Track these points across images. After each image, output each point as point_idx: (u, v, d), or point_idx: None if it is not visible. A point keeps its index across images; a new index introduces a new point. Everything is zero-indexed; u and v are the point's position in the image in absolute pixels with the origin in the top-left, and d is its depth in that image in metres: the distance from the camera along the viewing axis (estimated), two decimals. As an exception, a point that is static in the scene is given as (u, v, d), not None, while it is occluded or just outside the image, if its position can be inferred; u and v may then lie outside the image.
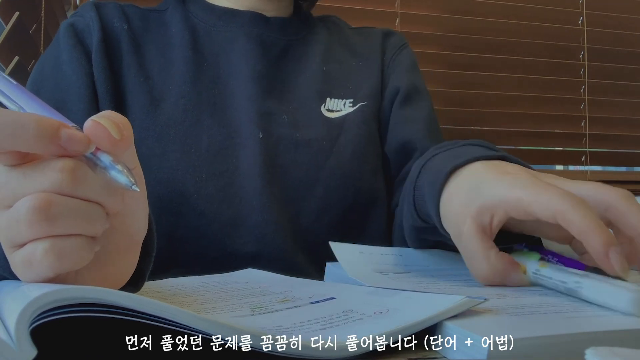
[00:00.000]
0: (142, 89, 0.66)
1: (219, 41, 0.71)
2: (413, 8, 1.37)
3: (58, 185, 0.29)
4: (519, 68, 1.42)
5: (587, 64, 1.46)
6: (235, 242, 0.62)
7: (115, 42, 0.68)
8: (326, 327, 0.30)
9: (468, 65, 1.39)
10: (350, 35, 0.80)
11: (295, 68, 0.72)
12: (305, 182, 0.65)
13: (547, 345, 0.27)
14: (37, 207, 0.29)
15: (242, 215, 0.62)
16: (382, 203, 0.70)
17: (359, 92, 0.73)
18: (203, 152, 0.64)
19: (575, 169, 1.54)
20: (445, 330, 0.30)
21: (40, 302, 0.25)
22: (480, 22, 1.41)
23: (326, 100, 0.71)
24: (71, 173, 0.30)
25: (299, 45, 0.74)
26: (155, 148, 0.63)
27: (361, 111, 0.71)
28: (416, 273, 0.48)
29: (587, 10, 1.46)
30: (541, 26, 1.43)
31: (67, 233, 0.30)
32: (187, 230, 0.61)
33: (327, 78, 0.73)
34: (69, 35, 0.66)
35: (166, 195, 0.61)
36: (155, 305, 0.26)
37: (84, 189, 0.30)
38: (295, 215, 0.64)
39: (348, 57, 0.77)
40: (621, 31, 1.49)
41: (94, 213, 0.31)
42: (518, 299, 0.36)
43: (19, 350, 0.23)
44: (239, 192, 0.63)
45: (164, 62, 0.68)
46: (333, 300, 0.37)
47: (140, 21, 0.71)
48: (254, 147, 0.64)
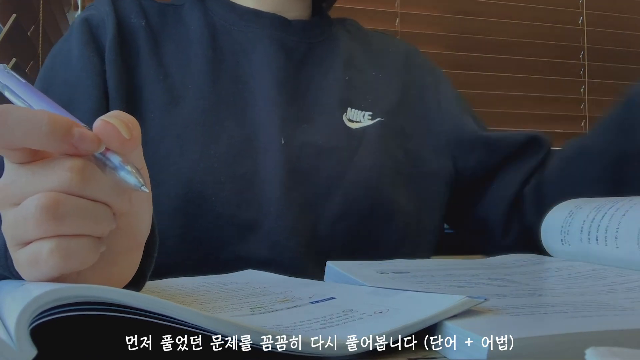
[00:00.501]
0: (161, 87, 0.64)
1: (239, 41, 0.70)
2: (413, 8, 1.37)
3: (67, 184, 0.29)
4: (519, 68, 1.42)
5: (587, 64, 1.46)
6: (248, 246, 0.61)
7: (132, 39, 0.66)
8: (326, 326, 0.30)
9: (468, 65, 1.39)
10: (370, 41, 0.79)
11: (317, 72, 0.71)
12: (325, 190, 0.65)
13: (547, 345, 0.27)
14: (45, 206, 0.29)
15: (257, 220, 0.61)
16: (400, 218, 0.68)
17: (377, 106, 0.72)
18: (222, 154, 0.62)
19: (575, 169, 1.54)
20: (445, 330, 0.30)
21: (40, 301, 0.25)
22: (480, 22, 1.41)
23: (347, 110, 0.70)
24: (80, 173, 0.30)
25: (320, 49, 0.73)
26: (173, 148, 0.62)
27: (379, 126, 0.71)
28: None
29: (587, 10, 1.46)
30: (541, 26, 1.44)
31: (74, 233, 0.30)
32: (202, 232, 0.60)
33: (349, 86, 0.72)
34: (82, 30, 0.65)
35: (183, 195, 0.60)
36: (156, 303, 0.26)
37: (92, 188, 0.30)
38: (312, 223, 0.64)
39: (368, 66, 0.76)
40: (621, 31, 1.49)
41: (101, 213, 0.31)
42: (518, 299, 0.36)
43: (18, 350, 0.23)
44: (257, 196, 0.62)
45: (182, 59, 0.67)
46: (333, 300, 0.37)
47: (158, 16, 0.69)
48: (275, 153, 0.63)
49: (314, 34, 0.74)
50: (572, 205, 0.55)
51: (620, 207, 0.48)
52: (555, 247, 0.56)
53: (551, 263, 0.53)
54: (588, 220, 0.51)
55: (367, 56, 0.77)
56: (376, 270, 0.49)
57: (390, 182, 0.68)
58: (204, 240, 0.60)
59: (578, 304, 0.35)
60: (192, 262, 0.60)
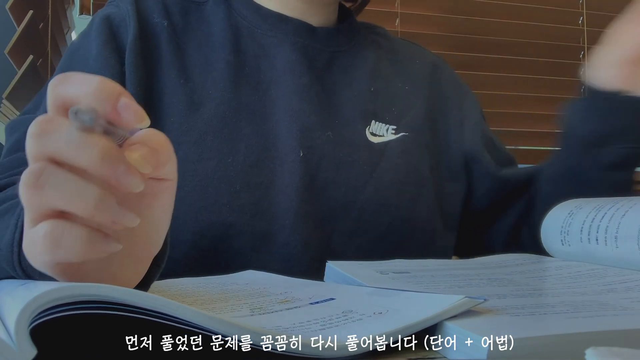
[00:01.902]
0: (182, 91, 0.63)
1: (262, 44, 0.68)
2: (413, 8, 1.37)
3: (57, 147, 0.29)
4: (519, 68, 1.42)
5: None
6: (260, 257, 0.60)
7: (154, 40, 0.65)
8: (325, 327, 0.30)
9: (468, 65, 1.39)
10: (397, 50, 0.78)
11: (341, 81, 0.70)
12: (343, 203, 0.63)
13: (547, 345, 0.27)
14: (28, 172, 0.29)
15: (272, 232, 0.60)
16: (418, 237, 0.67)
17: (402, 120, 0.71)
18: (240, 162, 0.61)
19: (576, 169, 1.54)
20: (445, 330, 0.30)
21: (40, 301, 0.25)
22: (480, 22, 1.41)
23: (371, 123, 0.69)
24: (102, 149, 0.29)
25: (345, 57, 0.71)
26: (191, 154, 0.60)
27: (402, 141, 0.69)
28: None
29: (587, 10, 1.47)
30: (541, 26, 1.44)
31: (58, 208, 0.29)
32: (214, 241, 0.59)
33: (374, 98, 0.70)
34: (102, 30, 0.63)
35: (197, 202, 0.59)
36: (157, 301, 0.26)
37: (79, 152, 0.29)
38: (327, 236, 0.63)
39: (395, 77, 0.74)
40: (621, 31, 1.49)
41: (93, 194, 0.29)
42: (518, 299, 0.36)
43: (18, 350, 0.23)
44: (272, 207, 0.61)
45: (204, 63, 0.66)
46: (333, 300, 0.37)
47: (181, 15, 0.68)
48: (293, 164, 0.62)
49: (339, 41, 0.72)
50: (572, 205, 0.55)
51: (620, 207, 0.48)
52: (555, 247, 0.56)
53: (551, 262, 0.53)
54: (588, 221, 0.51)
55: (394, 66, 0.75)
56: (376, 270, 0.49)
57: (410, 199, 0.67)
58: (216, 249, 0.59)
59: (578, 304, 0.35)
60: (202, 271, 0.58)
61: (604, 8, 1.48)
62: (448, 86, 0.78)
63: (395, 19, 1.35)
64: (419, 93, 0.74)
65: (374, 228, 0.64)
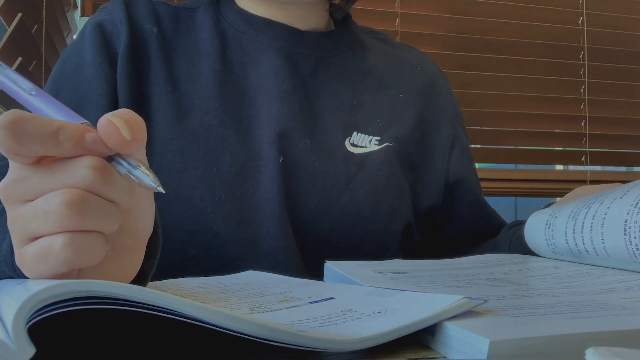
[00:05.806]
0: (168, 99, 0.63)
1: (248, 51, 0.68)
2: (413, 8, 1.37)
3: (89, 182, 0.30)
4: (519, 68, 1.42)
5: (587, 64, 1.46)
6: (247, 265, 0.59)
7: (144, 46, 0.65)
8: (324, 325, 0.30)
9: (468, 65, 1.39)
10: (399, 56, 0.77)
11: (325, 88, 0.68)
12: (315, 214, 0.63)
13: (547, 345, 0.27)
14: (71, 202, 0.29)
15: (257, 240, 0.60)
16: (392, 250, 0.66)
17: (388, 131, 0.69)
18: (225, 172, 0.61)
19: (575, 169, 1.54)
20: (445, 330, 0.30)
21: (38, 298, 0.25)
22: (480, 22, 1.41)
23: (352, 134, 0.67)
24: (101, 172, 0.30)
25: (332, 63, 0.70)
26: (176, 162, 0.61)
27: (385, 151, 0.68)
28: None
29: (587, 10, 1.46)
30: (541, 26, 1.44)
31: (89, 229, 0.30)
32: (200, 250, 0.59)
33: (357, 110, 0.69)
34: (95, 36, 0.64)
35: (183, 212, 0.59)
36: (155, 295, 0.26)
37: (109, 187, 0.31)
38: (309, 246, 0.63)
39: (389, 83, 0.73)
40: (621, 31, 1.49)
41: (112, 211, 0.31)
42: (518, 300, 0.36)
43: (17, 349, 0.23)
44: (256, 216, 0.61)
45: (191, 71, 0.65)
46: (332, 300, 0.37)
47: (170, 23, 0.68)
48: (273, 170, 0.62)
49: (327, 46, 0.71)
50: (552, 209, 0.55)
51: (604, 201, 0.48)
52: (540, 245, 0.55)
53: (550, 261, 0.53)
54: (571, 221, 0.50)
55: (390, 72, 0.74)
56: (375, 270, 0.49)
57: (387, 211, 0.66)
58: (203, 258, 0.59)
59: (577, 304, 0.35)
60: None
61: (604, 8, 1.48)
62: (445, 101, 0.76)
63: (395, 19, 1.35)
64: (413, 101, 0.73)
65: (346, 239, 0.64)
